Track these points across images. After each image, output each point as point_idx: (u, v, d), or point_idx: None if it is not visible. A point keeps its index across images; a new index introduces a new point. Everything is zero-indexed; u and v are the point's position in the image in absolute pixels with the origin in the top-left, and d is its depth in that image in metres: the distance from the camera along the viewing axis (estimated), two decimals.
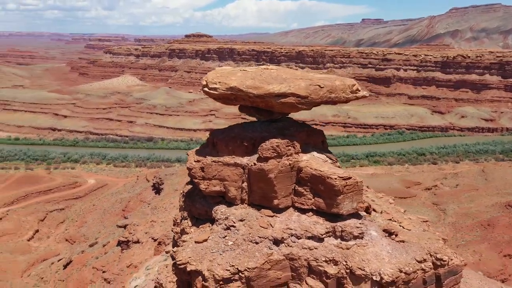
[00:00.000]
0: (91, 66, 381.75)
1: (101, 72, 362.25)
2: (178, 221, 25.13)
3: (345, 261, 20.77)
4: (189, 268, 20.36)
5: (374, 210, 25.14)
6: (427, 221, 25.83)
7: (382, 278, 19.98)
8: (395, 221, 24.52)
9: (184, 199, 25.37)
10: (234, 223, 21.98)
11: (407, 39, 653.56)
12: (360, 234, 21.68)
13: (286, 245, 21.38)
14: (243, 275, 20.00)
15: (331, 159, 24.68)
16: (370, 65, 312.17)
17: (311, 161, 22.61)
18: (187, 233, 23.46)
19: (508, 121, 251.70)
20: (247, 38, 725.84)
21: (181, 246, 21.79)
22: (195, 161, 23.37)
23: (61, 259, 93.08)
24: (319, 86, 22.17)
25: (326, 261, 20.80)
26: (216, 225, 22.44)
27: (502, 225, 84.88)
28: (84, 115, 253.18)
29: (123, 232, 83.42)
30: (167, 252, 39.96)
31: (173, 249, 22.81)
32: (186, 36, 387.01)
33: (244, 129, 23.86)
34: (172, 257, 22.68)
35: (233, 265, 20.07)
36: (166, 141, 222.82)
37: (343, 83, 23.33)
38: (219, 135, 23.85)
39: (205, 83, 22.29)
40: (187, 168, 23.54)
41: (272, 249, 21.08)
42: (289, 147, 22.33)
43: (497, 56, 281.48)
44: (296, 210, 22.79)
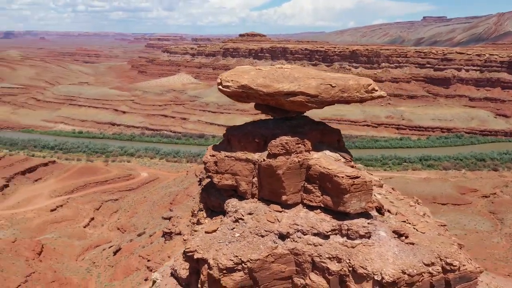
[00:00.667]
0: (150, 65, 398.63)
1: (159, 70, 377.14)
2: (195, 212, 26.46)
3: (349, 259, 20.94)
4: (196, 256, 21.55)
5: (388, 211, 24.94)
6: (444, 225, 25.18)
7: (383, 278, 19.96)
8: (409, 223, 24.18)
9: (201, 191, 26.66)
10: (243, 216, 22.86)
11: (471, 37, 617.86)
12: (366, 233, 21.72)
13: (291, 240, 21.91)
14: (245, 266, 20.82)
15: (345, 158, 24.81)
16: (429, 65, 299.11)
17: (321, 159, 22.93)
18: (201, 224, 24.70)
19: None
20: (302, 37, 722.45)
21: (192, 235, 23.05)
22: (210, 155, 24.53)
23: (111, 246, 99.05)
24: (331, 85, 22.43)
25: (329, 258, 21.09)
26: (226, 217, 23.46)
27: None
28: (141, 111, 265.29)
29: (168, 224, 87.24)
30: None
31: (184, 238, 24.12)
32: (240, 35, 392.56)
33: (257, 126, 24.64)
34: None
35: (236, 256, 20.97)
36: (217, 138, 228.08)
37: (357, 82, 23.39)
38: (233, 131, 24.82)
39: (219, 81, 23.35)
40: (203, 162, 24.74)
41: (277, 243, 21.71)
42: (299, 145, 22.80)
43: None
44: (305, 207, 23.23)
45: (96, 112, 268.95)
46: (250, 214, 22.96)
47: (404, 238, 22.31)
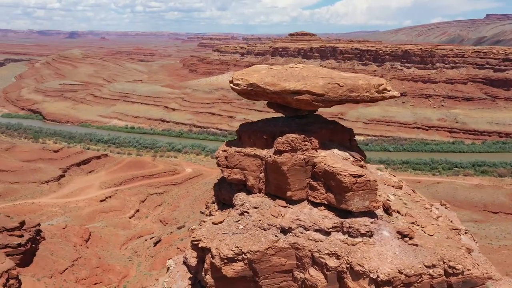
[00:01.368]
0: (200, 63, 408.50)
1: (209, 69, 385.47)
2: (209, 204, 27.68)
3: (347, 256, 21.19)
4: (201, 244, 22.71)
5: (398, 212, 24.82)
6: (456, 229, 24.62)
7: (378, 277, 20.05)
8: (417, 225, 23.94)
9: (214, 185, 27.84)
10: (248, 209, 23.72)
11: None
12: (367, 232, 21.84)
13: (293, 234, 22.48)
14: (246, 257, 21.67)
15: (354, 157, 24.97)
16: (488, 66, 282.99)
17: (327, 157, 23.28)
18: (212, 215, 25.86)
19: None
20: (354, 36, 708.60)
21: (200, 225, 24.25)
22: (222, 150, 25.62)
23: (153, 237, 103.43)
24: (338, 84, 22.72)
25: (328, 254, 21.46)
26: (234, 210, 24.43)
27: None
28: (190, 108, 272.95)
29: None
30: None
31: (192, 227, 25.37)
32: (290, 34, 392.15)
33: (267, 123, 25.38)
34: None
35: (238, 247, 21.87)
36: None
37: (367, 82, 23.49)
38: (244, 128, 25.75)
39: (231, 79, 24.35)
40: (215, 156, 25.88)
41: (278, 237, 22.37)
42: (306, 143, 23.28)
43: None
44: (309, 204, 23.69)
45: (148, 108, 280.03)
46: (255, 208, 23.79)
47: (408, 239, 22.19)
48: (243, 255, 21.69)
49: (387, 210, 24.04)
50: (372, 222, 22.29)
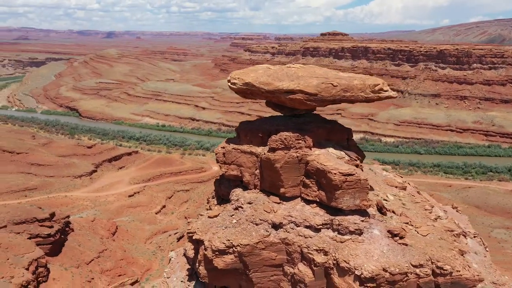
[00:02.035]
0: (231, 63, 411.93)
1: (239, 68, 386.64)
2: (210, 199, 28.63)
3: (335, 253, 21.56)
4: (195, 237, 23.67)
5: (393, 211, 24.93)
6: (453, 231, 24.44)
7: (362, 273, 20.33)
8: (411, 225, 23.99)
9: (215, 181, 28.76)
10: (243, 204, 24.48)
11: None
12: (356, 230, 22.12)
13: (284, 230, 23.05)
14: (236, 250, 22.43)
15: (350, 156, 25.23)
16: None
17: (321, 156, 23.70)
18: (211, 210, 26.80)
19: None
20: (388, 36, 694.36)
21: (196, 219, 25.20)
22: (221, 147, 26.51)
23: (176, 233, 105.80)
24: (332, 84, 23.10)
25: (316, 250, 21.90)
26: (229, 205, 25.26)
27: None
28: (220, 108, 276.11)
29: None
30: None
31: (189, 220, 26.33)
32: (322, 34, 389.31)
33: (264, 122, 26.03)
34: None
35: (229, 240, 22.66)
36: None
37: (363, 82, 23.73)
38: (242, 126, 26.51)
39: (229, 78, 25.17)
40: (214, 153, 26.78)
41: (269, 232, 23.01)
42: (299, 141, 23.79)
43: None
44: (303, 201, 24.18)
45: (179, 107, 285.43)
46: (249, 203, 24.52)
47: (398, 238, 22.31)
48: (234, 248, 22.48)
49: (380, 209, 24.19)
50: (362, 221, 22.55)
